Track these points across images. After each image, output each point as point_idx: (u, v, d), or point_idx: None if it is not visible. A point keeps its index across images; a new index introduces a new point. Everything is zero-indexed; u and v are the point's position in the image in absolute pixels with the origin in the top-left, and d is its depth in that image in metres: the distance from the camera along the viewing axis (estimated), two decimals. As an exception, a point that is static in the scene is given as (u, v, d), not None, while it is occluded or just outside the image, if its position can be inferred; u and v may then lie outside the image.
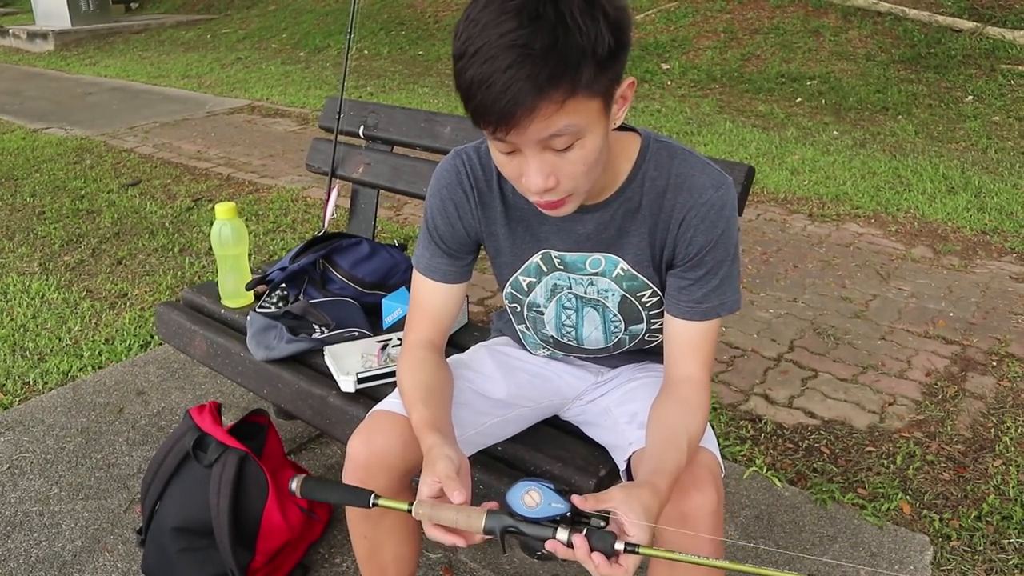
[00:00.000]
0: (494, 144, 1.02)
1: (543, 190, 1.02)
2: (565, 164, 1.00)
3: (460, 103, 0.97)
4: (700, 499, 1.10)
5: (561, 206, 1.07)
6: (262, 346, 1.77)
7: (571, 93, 0.92)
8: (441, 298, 1.32)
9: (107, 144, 5.80)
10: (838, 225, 4.11)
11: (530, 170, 1.00)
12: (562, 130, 0.95)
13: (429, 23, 9.78)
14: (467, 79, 0.93)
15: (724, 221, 1.16)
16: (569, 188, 1.04)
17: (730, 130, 5.78)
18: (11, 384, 2.58)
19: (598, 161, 1.03)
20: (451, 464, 1.01)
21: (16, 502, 2.01)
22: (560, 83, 0.91)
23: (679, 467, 1.06)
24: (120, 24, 11.77)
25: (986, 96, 6.26)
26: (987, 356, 2.82)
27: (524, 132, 0.94)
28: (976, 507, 2.04)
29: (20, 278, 3.40)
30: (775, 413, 2.46)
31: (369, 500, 0.99)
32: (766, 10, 8.10)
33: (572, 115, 0.94)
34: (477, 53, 0.91)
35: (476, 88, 0.92)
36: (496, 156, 1.05)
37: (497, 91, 0.91)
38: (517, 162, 1.02)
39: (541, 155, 0.99)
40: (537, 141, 0.96)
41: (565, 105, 0.93)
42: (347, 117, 2.25)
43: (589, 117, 0.97)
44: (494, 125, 0.95)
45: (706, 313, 1.19)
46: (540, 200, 1.06)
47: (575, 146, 0.99)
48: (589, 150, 1.00)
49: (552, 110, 0.93)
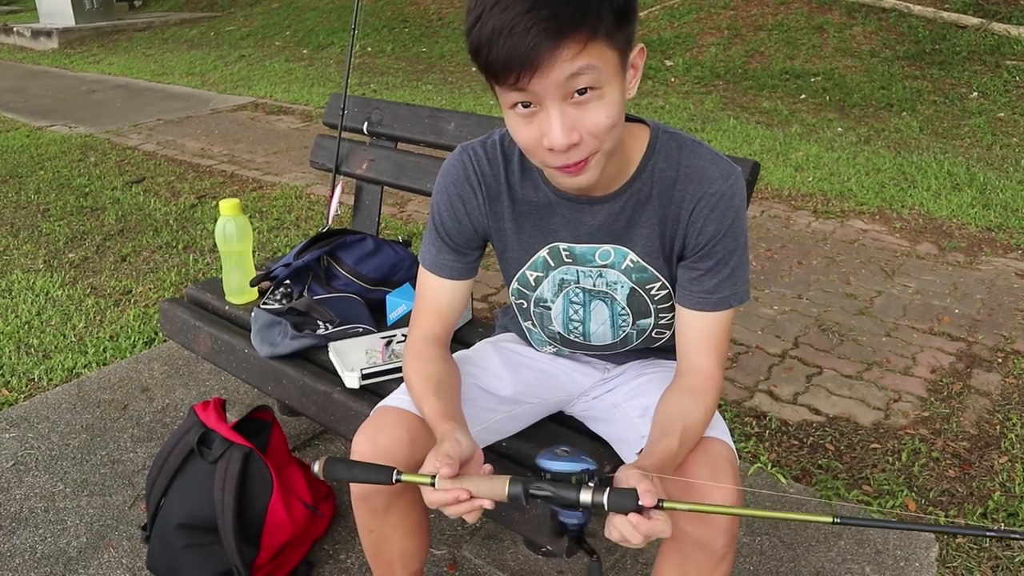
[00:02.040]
0: (514, 102, 1.00)
1: (566, 145, 1.00)
2: (587, 117, 1.00)
3: (466, 103, 0.97)
4: (720, 490, 1.10)
5: (583, 168, 1.05)
6: (266, 342, 1.77)
7: (592, 35, 0.94)
8: (447, 294, 1.32)
9: (111, 141, 5.81)
10: (842, 222, 4.10)
11: (553, 125, 0.99)
12: (582, 70, 0.95)
13: (432, 20, 9.77)
14: (488, 30, 0.93)
15: (734, 211, 1.16)
16: (592, 146, 1.03)
17: (734, 127, 5.77)
18: (16, 381, 2.58)
19: (616, 123, 1.03)
20: (456, 447, 1.01)
21: (21, 498, 2.02)
22: (582, 23, 0.93)
23: (669, 452, 1.06)
24: (124, 22, 11.78)
25: (991, 92, 6.24)
26: (992, 353, 2.81)
27: (547, 75, 0.95)
28: (982, 504, 2.04)
29: (25, 275, 3.41)
30: (780, 410, 2.46)
31: (392, 476, 0.99)
32: (770, 6, 8.08)
33: (592, 58, 0.95)
34: (496, 4, 0.93)
35: (498, 35, 0.93)
36: (514, 123, 1.04)
37: (519, 33, 0.92)
38: (537, 122, 1.01)
39: (562, 108, 0.98)
40: (558, 86, 0.96)
41: (587, 47, 0.94)
42: (351, 113, 2.25)
43: (608, 67, 0.98)
44: (517, 71, 0.94)
45: (717, 304, 1.20)
46: (562, 162, 1.04)
47: (595, 97, 0.99)
48: (608, 102, 1.00)
49: (574, 50, 0.94)
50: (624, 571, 1.79)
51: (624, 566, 1.81)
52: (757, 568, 1.82)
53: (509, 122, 1.05)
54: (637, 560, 1.82)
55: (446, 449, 1.00)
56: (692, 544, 1.14)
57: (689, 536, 1.14)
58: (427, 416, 1.15)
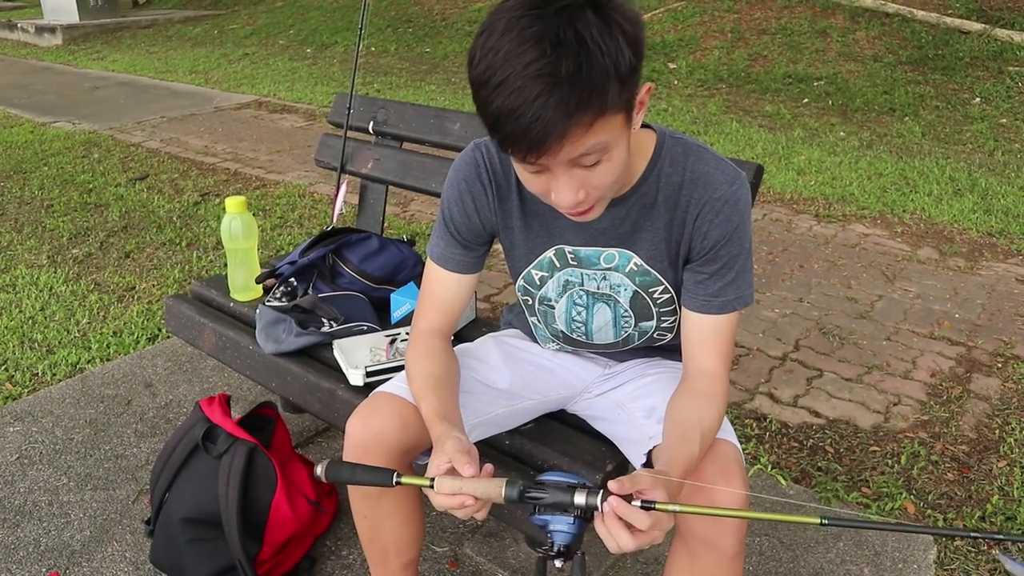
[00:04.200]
0: (521, 165, 1.04)
1: (573, 205, 1.04)
2: (594, 177, 1.02)
3: (469, 103, 0.98)
4: (724, 492, 1.11)
5: (591, 212, 1.10)
6: (271, 339, 1.78)
7: (599, 114, 0.94)
8: (453, 287, 1.34)
9: (115, 138, 5.82)
10: (844, 226, 4.11)
11: (561, 188, 1.02)
12: (591, 149, 0.97)
13: (436, 21, 9.78)
14: (494, 110, 0.94)
15: (738, 215, 1.18)
16: (598, 197, 1.07)
17: (736, 130, 5.78)
18: (20, 375, 2.59)
19: (624, 168, 1.06)
20: (460, 443, 1.03)
21: (25, 492, 2.03)
22: (588, 107, 0.92)
23: (691, 458, 1.07)
24: (128, 19, 11.80)
25: (994, 98, 6.25)
26: (992, 358, 2.82)
27: (555, 156, 0.96)
28: (980, 507, 2.05)
29: (29, 270, 3.42)
30: (780, 412, 2.47)
31: (392, 479, 1.01)
32: (773, 10, 8.09)
33: (600, 134, 0.96)
34: (503, 84, 0.92)
35: (505, 118, 0.93)
36: (522, 174, 1.07)
37: (527, 121, 0.92)
38: (545, 179, 1.04)
39: (570, 172, 1.01)
40: (567, 160, 0.98)
41: (593, 126, 0.95)
42: (357, 113, 2.26)
43: (615, 132, 0.99)
44: (524, 152, 0.96)
45: (722, 307, 1.21)
46: (569, 211, 1.08)
47: (603, 160, 1.01)
48: (616, 162, 1.02)
49: (581, 132, 0.94)
50: (624, 570, 1.81)
51: (624, 565, 1.82)
52: (756, 569, 1.83)
53: (517, 167, 1.08)
54: (637, 560, 1.83)
55: (450, 448, 1.02)
56: (701, 543, 1.16)
57: (697, 536, 1.15)
58: (424, 414, 1.17)
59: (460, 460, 0.99)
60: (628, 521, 0.91)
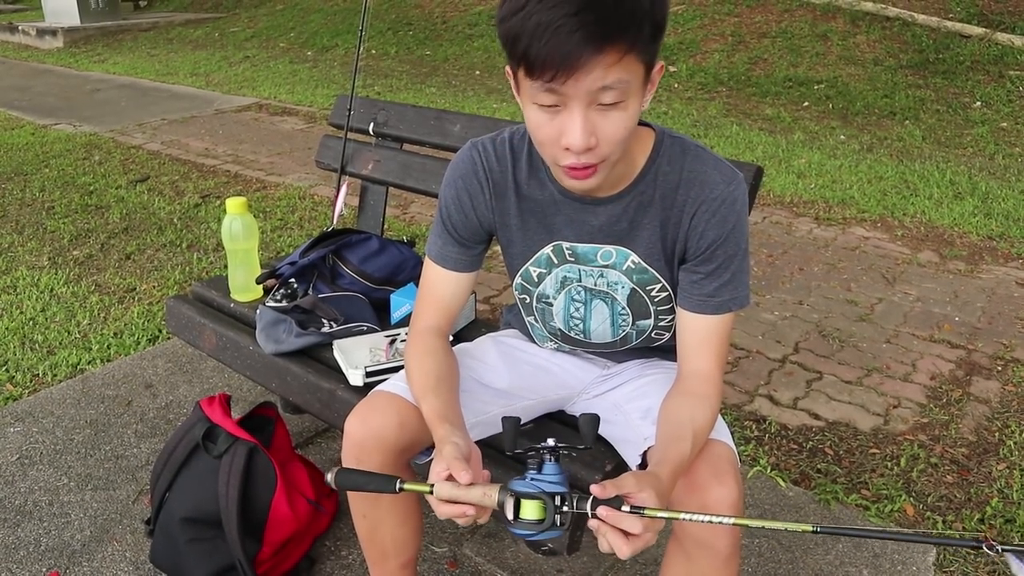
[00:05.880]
0: (539, 98, 1.02)
1: (584, 148, 1.03)
2: (607, 124, 1.02)
3: (470, 105, 0.98)
4: (722, 491, 1.11)
5: (592, 173, 1.08)
6: (271, 340, 1.78)
7: (630, 48, 0.95)
8: (451, 286, 1.34)
9: (116, 140, 5.83)
10: (844, 229, 4.11)
11: (575, 126, 1.01)
12: (615, 83, 0.97)
13: (436, 23, 9.80)
14: (532, 23, 0.94)
15: (735, 216, 1.18)
16: (605, 152, 1.05)
17: (737, 133, 5.79)
18: (21, 376, 2.60)
19: (631, 131, 1.05)
20: (457, 449, 1.03)
21: (26, 491, 2.03)
22: (624, 35, 0.94)
23: (683, 458, 1.07)
24: (129, 22, 11.82)
25: (994, 102, 6.26)
26: (992, 361, 2.82)
27: (582, 80, 0.96)
28: (979, 510, 2.05)
29: (29, 272, 3.43)
30: (779, 414, 2.47)
31: (396, 485, 1.01)
32: (774, 14, 8.11)
33: (626, 71, 0.97)
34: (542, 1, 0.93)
35: (543, 31, 0.93)
36: (533, 117, 1.05)
37: (564, 34, 0.92)
38: (559, 121, 1.02)
39: (586, 111, 1.00)
40: (589, 92, 0.98)
41: (623, 59, 0.96)
42: (357, 114, 2.27)
43: (635, 81, 1.00)
44: (555, 70, 0.95)
45: (718, 307, 1.21)
46: (575, 162, 1.05)
47: (619, 106, 1.01)
48: (629, 114, 1.02)
49: (613, 60, 0.95)
50: (624, 571, 1.81)
51: (624, 566, 1.82)
52: (755, 570, 1.83)
53: (528, 114, 1.06)
54: (636, 560, 1.83)
55: (447, 454, 1.02)
56: (695, 544, 1.16)
57: (692, 537, 1.15)
58: (426, 415, 1.17)
59: (457, 467, 0.99)
60: (620, 528, 0.90)
